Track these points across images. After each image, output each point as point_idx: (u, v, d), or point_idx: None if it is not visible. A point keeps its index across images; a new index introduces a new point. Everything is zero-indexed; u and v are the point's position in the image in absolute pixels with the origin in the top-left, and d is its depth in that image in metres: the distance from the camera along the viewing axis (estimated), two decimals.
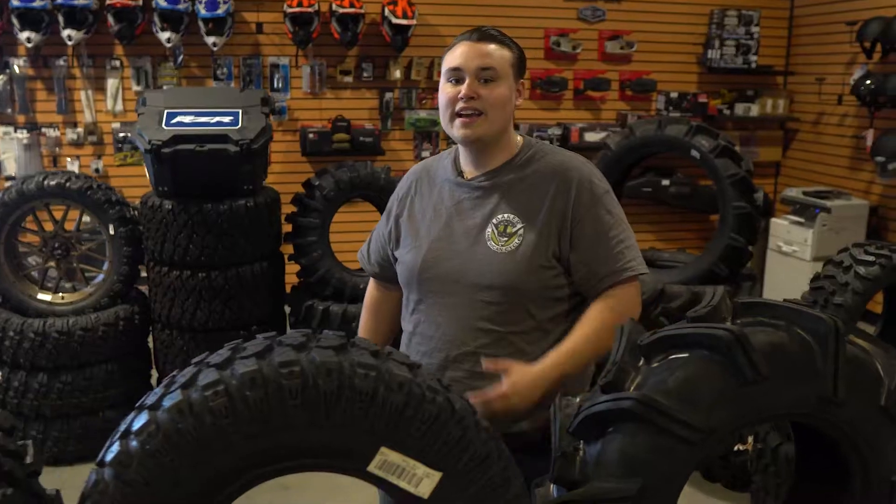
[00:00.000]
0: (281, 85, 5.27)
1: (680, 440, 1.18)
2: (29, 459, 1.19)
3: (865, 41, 4.95)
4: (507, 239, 1.60)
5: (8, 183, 4.68)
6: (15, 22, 4.57)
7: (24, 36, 4.58)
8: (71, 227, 3.56)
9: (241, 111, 3.35)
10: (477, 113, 1.59)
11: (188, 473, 1.04)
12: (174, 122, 3.26)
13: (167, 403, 1.06)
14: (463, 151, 1.70)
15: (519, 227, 1.60)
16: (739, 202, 3.49)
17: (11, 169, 4.90)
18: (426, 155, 5.35)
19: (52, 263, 3.50)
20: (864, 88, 4.94)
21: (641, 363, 1.27)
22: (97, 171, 5.05)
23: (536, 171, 1.64)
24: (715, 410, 1.20)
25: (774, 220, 5.37)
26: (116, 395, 3.43)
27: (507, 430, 1.43)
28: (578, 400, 1.32)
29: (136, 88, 5.06)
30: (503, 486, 1.13)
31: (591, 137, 5.60)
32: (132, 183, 4.91)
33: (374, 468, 1.09)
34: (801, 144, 6.01)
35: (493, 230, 1.61)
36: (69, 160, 5.03)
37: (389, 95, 5.43)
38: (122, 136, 5.09)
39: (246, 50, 5.20)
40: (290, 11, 4.97)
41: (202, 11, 4.79)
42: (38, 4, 4.53)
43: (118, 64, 5.02)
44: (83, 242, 3.59)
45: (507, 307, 1.60)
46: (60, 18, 4.60)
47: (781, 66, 6.05)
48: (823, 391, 1.23)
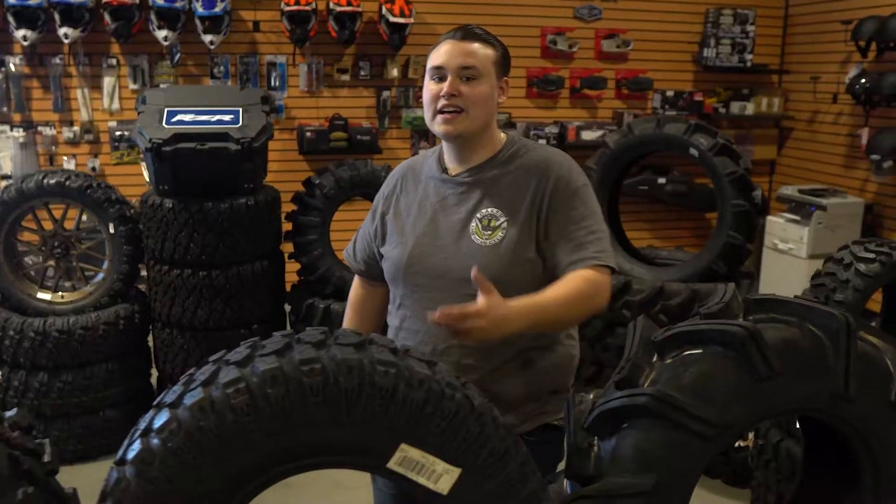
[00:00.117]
0: (278, 83, 5.27)
1: (695, 436, 1.20)
2: (47, 458, 1.19)
3: (860, 40, 4.98)
4: (490, 233, 1.63)
5: (4, 182, 4.67)
6: (11, 20, 4.55)
7: (20, 34, 4.56)
8: (70, 225, 3.55)
9: (241, 109, 3.35)
10: (458, 110, 1.62)
11: (210, 471, 1.04)
12: (175, 120, 3.26)
13: (188, 401, 1.06)
14: (447, 148, 1.73)
15: (502, 220, 1.63)
16: (738, 200, 3.50)
17: (7, 168, 4.88)
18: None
19: (51, 262, 3.49)
20: (859, 87, 4.96)
21: (655, 359, 1.28)
22: (94, 169, 5.03)
23: (519, 166, 1.67)
24: (729, 406, 1.21)
25: (770, 217, 5.39)
26: (117, 394, 3.43)
27: None
28: (592, 396, 1.34)
29: (132, 87, 5.05)
30: (521, 481, 1.13)
31: (587, 136, 5.61)
32: (129, 182, 4.90)
33: (393, 465, 1.10)
34: (795, 143, 6.04)
35: (477, 224, 1.64)
36: (65, 159, 5.01)
37: (387, 94, 5.43)
38: (118, 134, 5.08)
39: (243, 48, 5.19)
40: (287, 10, 4.97)
41: (199, 9, 4.78)
42: (34, 2, 4.50)
43: (115, 62, 5.00)
44: (83, 241, 3.58)
45: None
46: (57, 16, 4.58)
47: (776, 64, 6.08)
48: (835, 387, 1.24)
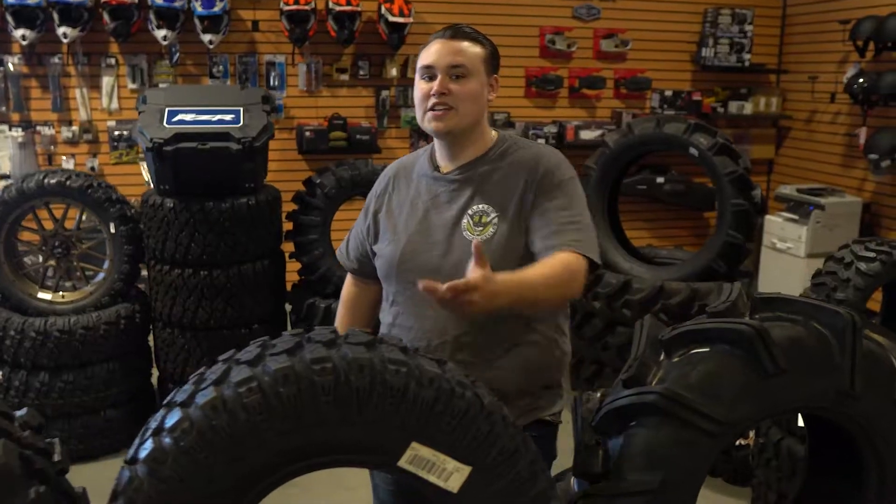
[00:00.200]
0: (277, 83, 5.26)
1: (703, 433, 1.21)
2: (57, 457, 1.19)
3: (858, 40, 4.99)
4: (482, 228, 1.64)
5: (2, 181, 4.66)
6: (9, 19, 4.54)
7: (18, 33, 4.55)
8: (71, 225, 3.54)
9: (242, 109, 3.35)
10: (448, 107, 1.64)
11: (222, 470, 1.05)
12: (175, 120, 3.25)
13: (200, 400, 1.06)
14: (438, 146, 1.75)
15: (493, 216, 1.65)
16: (738, 199, 3.52)
17: (6, 167, 4.87)
18: None
19: (52, 262, 3.49)
20: (857, 87, 4.98)
21: (663, 358, 1.29)
22: (93, 169, 5.02)
23: (510, 163, 1.68)
24: (737, 404, 1.22)
25: (769, 217, 5.40)
26: (118, 394, 3.42)
27: None
28: (599, 395, 1.34)
29: (131, 86, 5.05)
30: (531, 479, 1.14)
31: (586, 135, 5.62)
32: (128, 181, 4.89)
33: (404, 463, 1.10)
34: (793, 142, 6.05)
35: (468, 221, 1.66)
36: (64, 158, 5.00)
37: (386, 93, 5.43)
38: (117, 134, 5.07)
39: (242, 48, 5.19)
40: (286, 9, 4.96)
41: (198, 9, 4.78)
42: (32, 2, 4.49)
43: (113, 62, 4.99)
44: (83, 241, 3.58)
45: None
46: (55, 16, 4.57)
47: (774, 64, 6.09)
48: (841, 385, 1.25)
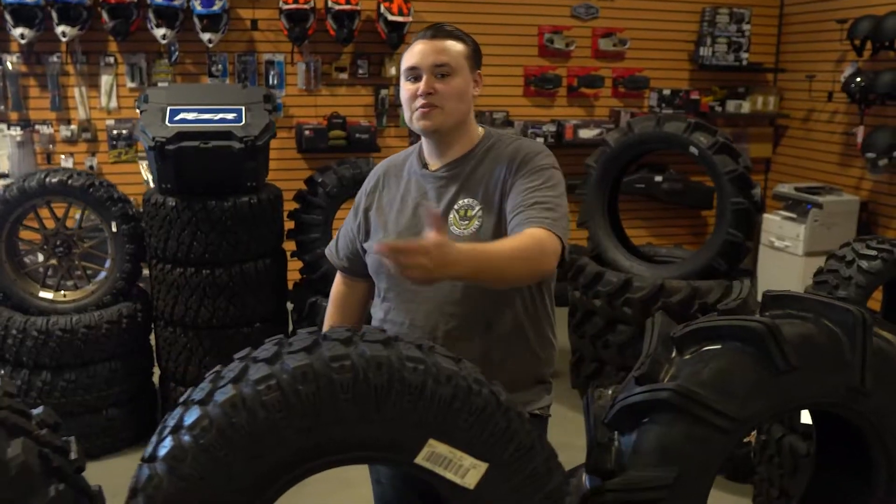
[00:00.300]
0: (276, 82, 5.26)
1: (716, 429, 1.22)
2: (74, 455, 1.20)
3: (856, 39, 5.02)
4: (467, 222, 1.67)
5: (1, 181, 4.65)
6: (8, 18, 4.53)
7: (17, 32, 4.54)
8: (72, 224, 3.54)
9: (244, 108, 3.34)
10: (434, 106, 1.66)
11: (241, 468, 1.05)
12: (177, 118, 3.25)
13: (219, 398, 1.07)
14: (426, 144, 1.77)
15: (478, 209, 1.67)
16: (738, 198, 3.53)
17: (4, 166, 4.86)
18: None
19: (53, 261, 3.48)
20: (854, 86, 5.00)
21: (674, 355, 1.30)
22: (91, 168, 5.01)
23: (495, 157, 1.70)
24: (749, 400, 1.23)
25: (767, 215, 5.43)
26: (119, 393, 3.42)
27: None
28: (611, 392, 1.35)
29: (130, 85, 5.04)
30: (546, 476, 1.15)
31: (585, 134, 5.63)
32: (126, 180, 4.88)
33: (421, 460, 1.11)
34: (790, 141, 6.08)
35: (454, 215, 1.68)
36: (63, 157, 4.99)
37: (385, 92, 5.43)
38: (116, 133, 5.07)
39: (241, 46, 5.19)
40: (285, 8, 4.96)
41: (197, 8, 4.78)
42: (31, 0, 4.48)
43: (112, 60, 4.98)
44: (85, 240, 3.57)
45: (473, 289, 1.64)
46: (54, 15, 4.57)
47: (772, 63, 6.12)
48: (851, 381, 1.27)
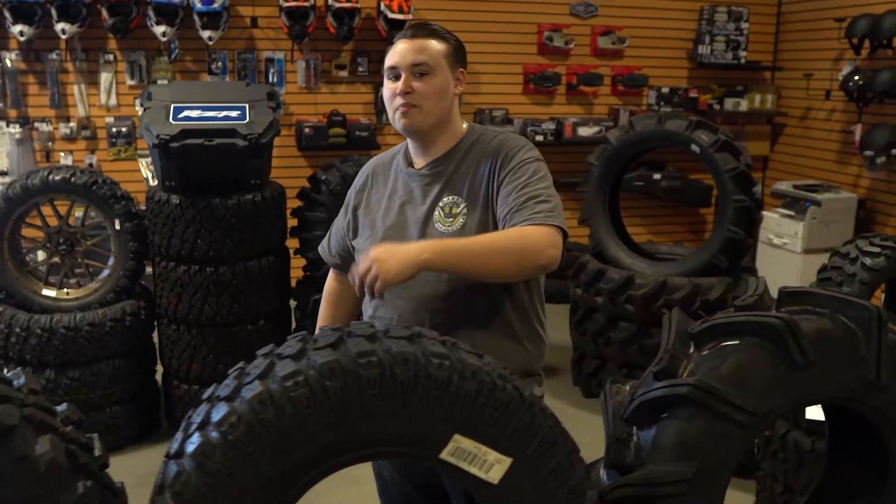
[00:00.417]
0: (276, 79, 5.26)
1: (735, 424, 1.23)
2: (97, 452, 1.20)
3: (854, 37, 5.05)
4: (452, 219, 1.68)
5: (0, 178, 4.64)
6: (7, 15, 4.52)
7: (16, 29, 4.53)
8: (75, 221, 3.53)
9: (248, 105, 3.34)
10: (413, 105, 1.67)
11: (269, 463, 1.06)
12: (181, 116, 3.25)
13: (247, 395, 1.07)
14: (410, 143, 1.79)
15: (462, 206, 1.68)
16: (739, 196, 3.56)
17: (3, 164, 4.84)
18: None
19: (56, 259, 3.47)
20: (852, 84, 5.03)
21: (692, 351, 1.31)
22: (91, 165, 5.00)
23: (479, 153, 1.71)
24: (767, 395, 1.24)
25: (766, 213, 5.45)
26: (123, 390, 3.41)
27: None
28: (629, 387, 1.37)
29: (129, 83, 5.03)
30: (569, 470, 1.16)
31: (584, 132, 5.65)
32: (126, 178, 4.84)
33: (446, 455, 1.12)
34: (788, 139, 6.11)
35: (439, 213, 1.69)
36: (62, 155, 4.98)
37: None
38: (115, 130, 5.05)
39: (241, 44, 5.18)
40: (285, 5, 4.96)
41: (197, 5, 4.77)
42: None
43: (112, 58, 4.97)
44: (88, 237, 3.56)
45: (460, 285, 1.65)
46: (54, 12, 4.56)
47: (770, 61, 6.15)
48: (868, 376, 1.28)
